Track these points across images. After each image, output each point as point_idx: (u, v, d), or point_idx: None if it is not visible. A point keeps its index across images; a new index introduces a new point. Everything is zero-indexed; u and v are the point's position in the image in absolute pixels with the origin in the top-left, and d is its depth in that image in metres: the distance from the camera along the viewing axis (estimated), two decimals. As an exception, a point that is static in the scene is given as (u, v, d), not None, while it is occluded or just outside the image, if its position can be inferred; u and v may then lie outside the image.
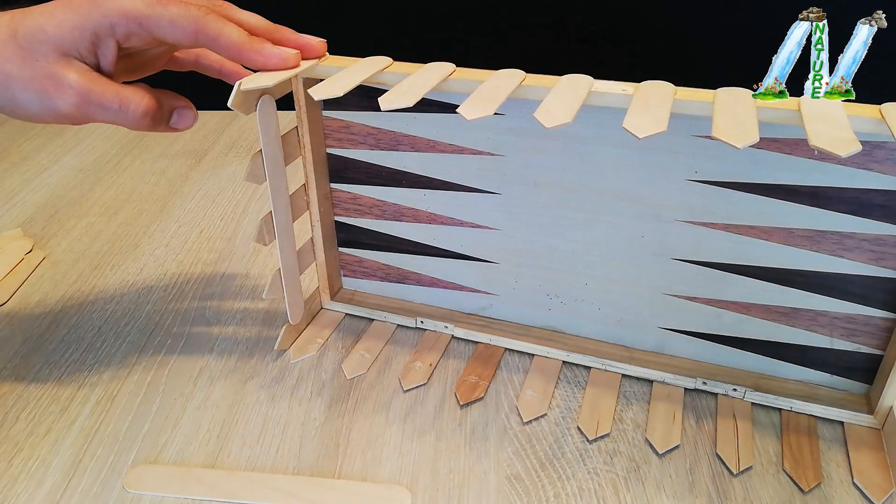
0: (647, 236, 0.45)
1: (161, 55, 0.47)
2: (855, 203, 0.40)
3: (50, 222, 0.68)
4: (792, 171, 0.40)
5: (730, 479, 0.41)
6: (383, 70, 0.42)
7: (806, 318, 0.44)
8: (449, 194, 0.49)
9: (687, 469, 0.41)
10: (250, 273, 0.60)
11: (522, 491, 0.40)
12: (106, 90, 0.40)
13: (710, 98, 0.37)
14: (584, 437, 0.43)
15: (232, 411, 0.46)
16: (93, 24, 0.39)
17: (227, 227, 0.67)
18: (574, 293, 0.49)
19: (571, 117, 0.35)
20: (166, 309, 0.55)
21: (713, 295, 0.45)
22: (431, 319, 0.53)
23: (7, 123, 0.90)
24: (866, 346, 0.44)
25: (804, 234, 0.41)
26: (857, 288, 0.42)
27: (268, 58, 0.41)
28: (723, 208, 0.42)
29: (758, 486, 0.40)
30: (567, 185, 0.45)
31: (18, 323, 0.54)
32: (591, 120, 0.42)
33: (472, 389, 0.47)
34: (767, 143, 0.40)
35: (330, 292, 0.55)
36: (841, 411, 0.44)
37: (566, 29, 0.89)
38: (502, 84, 0.39)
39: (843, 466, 0.41)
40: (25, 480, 0.41)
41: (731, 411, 0.45)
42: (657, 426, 0.44)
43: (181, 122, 0.44)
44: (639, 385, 0.48)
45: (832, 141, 0.31)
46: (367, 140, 0.49)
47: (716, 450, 0.42)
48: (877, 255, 0.41)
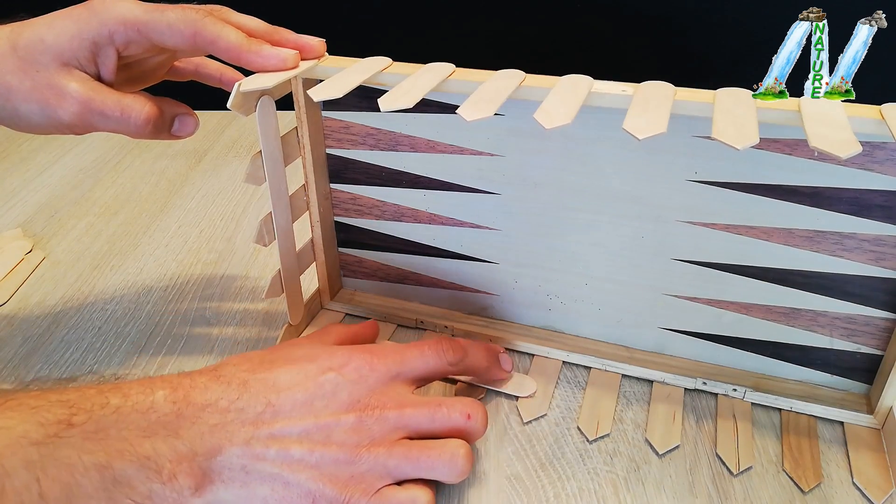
0: (647, 237, 0.45)
1: (161, 65, 0.47)
2: (855, 203, 0.40)
3: (50, 222, 0.68)
4: (792, 172, 0.40)
5: (730, 479, 0.41)
6: (383, 71, 0.42)
7: (806, 319, 0.44)
8: (449, 194, 0.49)
9: (687, 469, 0.41)
10: (250, 274, 0.60)
11: (522, 491, 0.40)
12: (107, 99, 0.40)
13: (710, 99, 0.37)
14: (585, 437, 0.43)
15: None
16: (92, 33, 0.39)
17: (227, 227, 0.67)
18: (574, 293, 0.49)
19: (571, 118, 0.35)
20: (166, 309, 0.55)
21: (713, 295, 0.45)
22: (431, 319, 0.53)
23: None
24: (866, 347, 0.44)
25: (804, 234, 0.41)
26: (857, 288, 0.42)
27: (266, 59, 0.41)
28: (723, 209, 0.42)
29: (758, 486, 0.40)
30: (567, 185, 0.45)
31: (18, 323, 0.54)
32: (591, 120, 0.42)
33: (471, 390, 0.47)
34: (767, 144, 0.40)
35: (330, 292, 0.55)
36: (841, 411, 0.44)
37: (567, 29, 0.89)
38: (502, 85, 0.39)
39: (843, 467, 0.41)
40: None
41: (732, 411, 0.45)
42: (657, 426, 0.44)
43: (182, 129, 0.44)
44: (639, 385, 0.48)
45: (832, 142, 0.31)
46: (366, 140, 0.49)
47: (716, 450, 0.42)
48: (877, 255, 0.41)
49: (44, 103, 0.39)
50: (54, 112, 0.40)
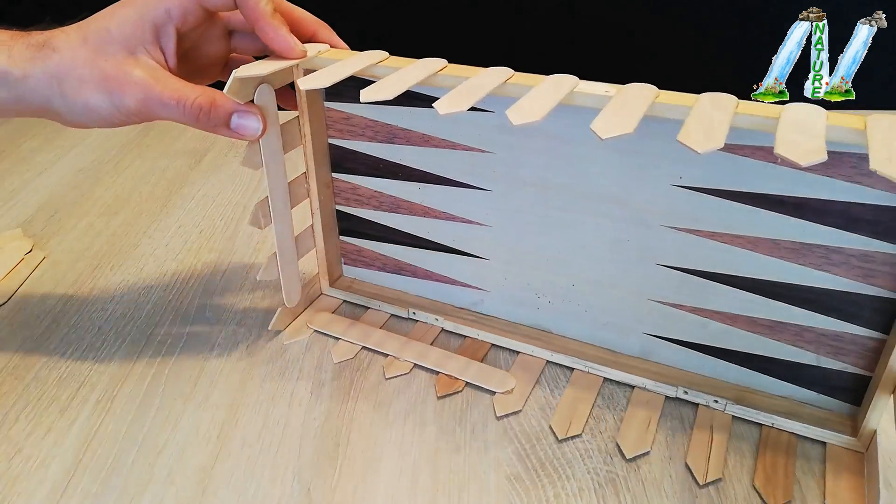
0: (632, 240, 0.45)
1: (219, 53, 0.48)
2: (842, 217, 0.38)
3: (50, 222, 0.68)
4: (778, 181, 0.39)
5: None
6: (376, 64, 0.43)
7: (791, 333, 0.43)
8: (442, 189, 0.50)
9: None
10: (250, 273, 0.60)
11: (522, 491, 0.40)
12: (166, 86, 0.42)
13: (691, 102, 0.36)
14: (583, 436, 0.43)
15: (232, 411, 0.46)
16: (151, 14, 0.42)
17: (227, 227, 0.67)
18: (561, 293, 0.49)
19: (541, 116, 0.35)
20: (166, 309, 0.55)
21: (698, 303, 0.45)
22: (423, 311, 0.53)
23: (7, 123, 0.91)
24: (854, 367, 0.42)
25: (790, 246, 0.40)
26: (843, 305, 0.41)
27: (276, 38, 0.43)
28: (707, 215, 0.42)
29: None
30: (554, 185, 0.45)
31: (18, 323, 0.54)
32: (578, 121, 0.42)
33: (451, 383, 0.48)
34: (752, 151, 0.39)
35: (329, 279, 0.57)
36: (823, 431, 0.43)
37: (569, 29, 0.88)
38: (486, 81, 0.40)
39: (817, 488, 0.40)
40: (25, 480, 0.41)
41: (710, 423, 0.44)
42: (630, 432, 0.44)
43: (242, 128, 0.43)
44: (620, 389, 0.47)
45: (796, 150, 0.30)
46: (365, 132, 0.50)
47: (686, 459, 0.42)
48: (865, 271, 0.39)
49: (111, 92, 0.41)
50: (121, 100, 0.42)
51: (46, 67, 0.41)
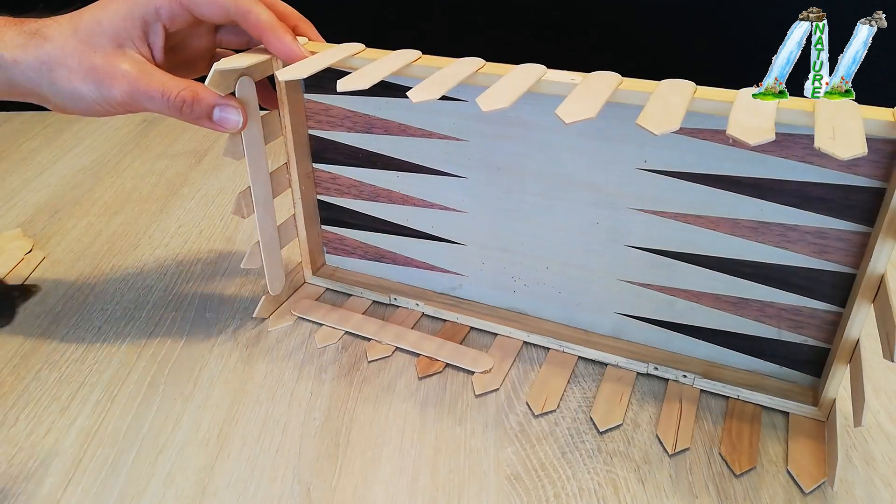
0: (601, 223, 0.46)
1: (205, 49, 0.49)
2: (797, 196, 0.40)
3: (50, 222, 0.68)
4: (735, 163, 0.41)
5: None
6: (353, 55, 0.44)
7: (754, 309, 0.45)
8: (420, 177, 0.51)
9: (687, 469, 0.41)
10: (250, 273, 0.60)
11: (522, 491, 0.40)
12: (152, 79, 0.43)
13: (651, 88, 0.38)
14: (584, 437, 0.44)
15: (232, 411, 0.46)
16: (141, 11, 0.43)
17: (227, 227, 0.67)
18: (536, 276, 0.51)
19: (509, 103, 0.37)
20: (166, 309, 0.56)
21: (665, 282, 0.47)
22: (404, 297, 0.55)
23: (6, 123, 0.92)
24: (813, 339, 0.44)
25: (749, 224, 0.42)
26: (801, 280, 0.43)
27: (280, 49, 0.44)
28: (671, 197, 0.44)
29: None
30: (527, 170, 0.47)
31: (19, 323, 0.54)
32: (550, 108, 0.44)
33: (430, 364, 0.49)
34: (711, 135, 0.41)
35: (312, 267, 0.58)
36: (786, 402, 0.45)
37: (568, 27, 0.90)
38: (458, 71, 0.41)
39: (779, 454, 0.42)
40: (25, 480, 0.41)
41: (679, 396, 0.46)
42: (601, 405, 0.46)
43: (223, 120, 0.45)
44: (593, 367, 0.49)
45: (746, 130, 0.32)
46: (344, 123, 0.52)
47: (656, 431, 0.44)
48: (819, 247, 0.41)
49: (99, 83, 0.43)
50: (109, 91, 0.43)
51: (37, 55, 0.42)
